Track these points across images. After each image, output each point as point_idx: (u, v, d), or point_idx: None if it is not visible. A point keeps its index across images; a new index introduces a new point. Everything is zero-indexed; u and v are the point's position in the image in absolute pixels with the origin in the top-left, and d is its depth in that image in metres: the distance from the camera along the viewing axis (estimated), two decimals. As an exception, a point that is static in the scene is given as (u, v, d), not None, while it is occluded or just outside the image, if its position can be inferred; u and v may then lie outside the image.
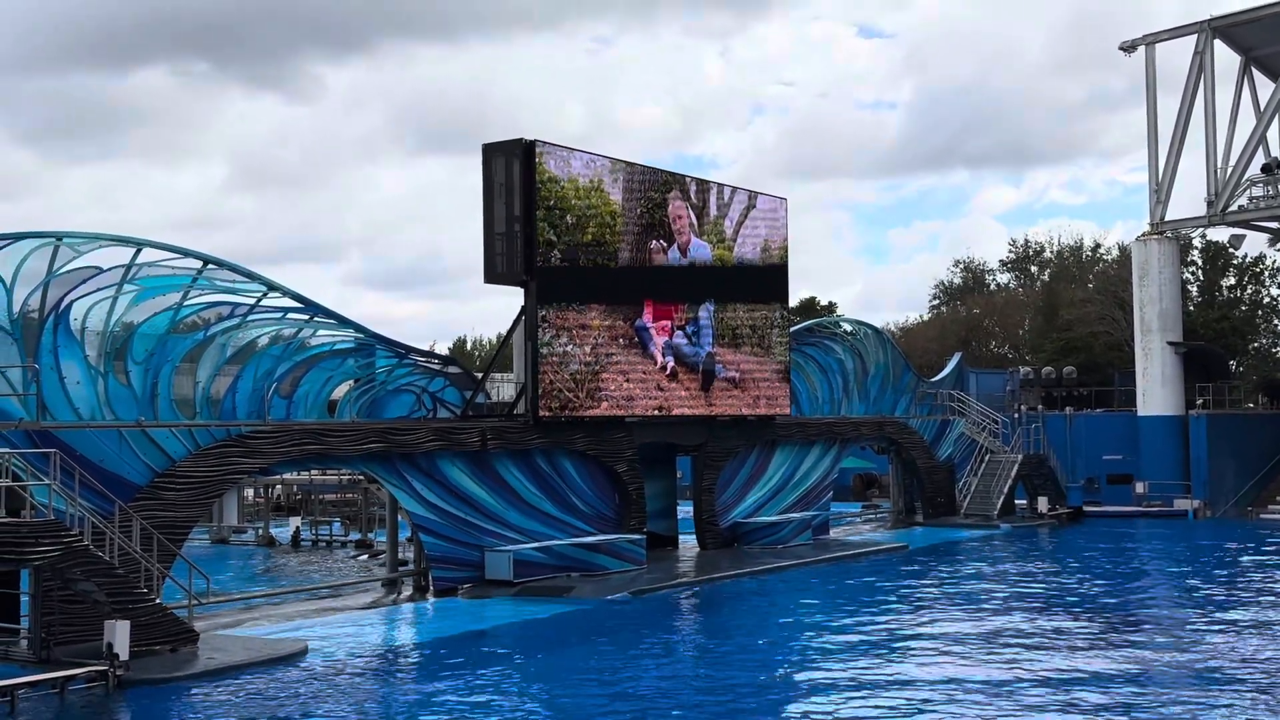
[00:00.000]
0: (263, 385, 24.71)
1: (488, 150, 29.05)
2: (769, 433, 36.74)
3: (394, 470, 26.45)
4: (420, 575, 27.87)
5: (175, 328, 23.15)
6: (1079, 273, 77.22)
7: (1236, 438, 48.51)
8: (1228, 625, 23.09)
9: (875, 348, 43.83)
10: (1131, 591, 28.54)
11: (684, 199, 33.02)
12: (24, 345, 20.81)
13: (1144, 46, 49.52)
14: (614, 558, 29.79)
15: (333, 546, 39.49)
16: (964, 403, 46.85)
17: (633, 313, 31.20)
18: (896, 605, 26.10)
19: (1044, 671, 18.84)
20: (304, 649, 20.62)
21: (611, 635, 22.88)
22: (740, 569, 30.77)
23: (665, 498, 35.16)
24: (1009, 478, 44.42)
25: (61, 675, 17.64)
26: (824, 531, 38.79)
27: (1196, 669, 19.07)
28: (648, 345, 31.62)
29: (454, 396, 28.89)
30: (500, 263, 28.84)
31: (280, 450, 24.10)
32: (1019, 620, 23.76)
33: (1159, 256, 48.84)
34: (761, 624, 24.28)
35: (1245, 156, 48.07)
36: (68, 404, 21.35)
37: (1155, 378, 48.60)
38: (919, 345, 71.47)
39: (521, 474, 29.11)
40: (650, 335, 31.72)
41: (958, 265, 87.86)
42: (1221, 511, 47.07)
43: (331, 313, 25.99)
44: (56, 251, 21.17)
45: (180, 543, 22.13)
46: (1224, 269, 67.09)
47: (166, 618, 20.07)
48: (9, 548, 18.01)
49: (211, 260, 23.49)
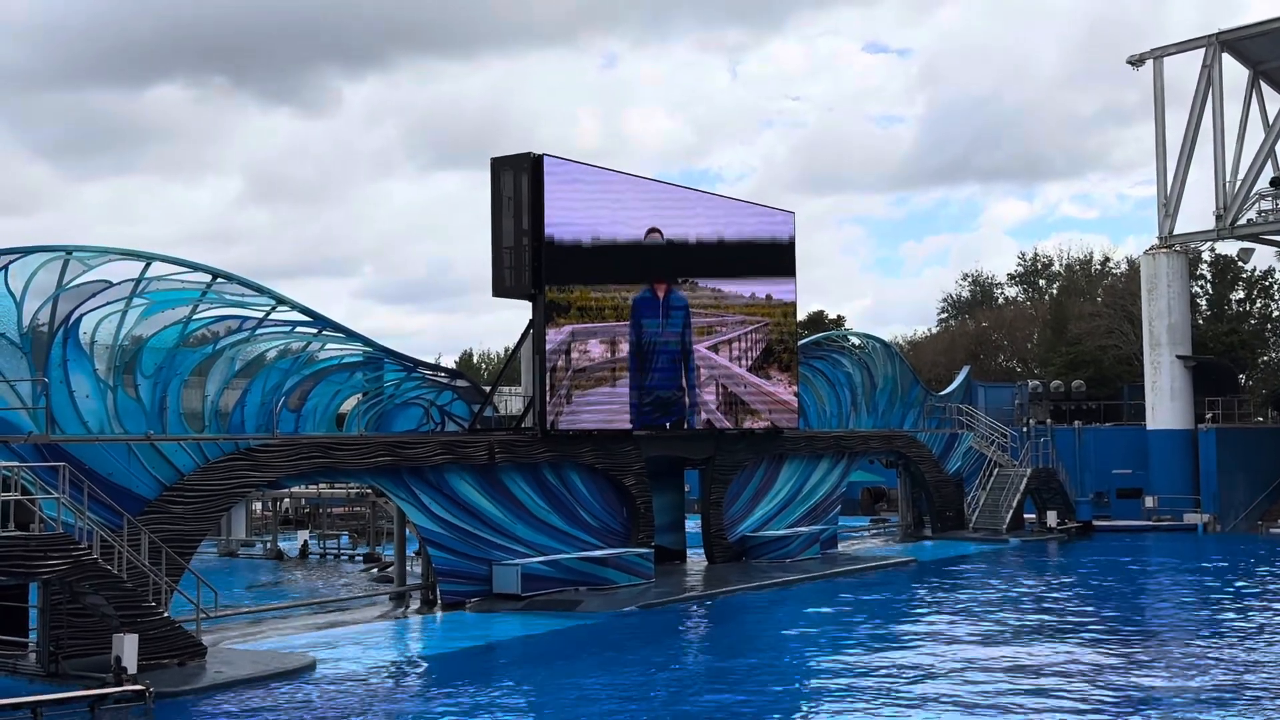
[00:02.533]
0: (271, 399, 24.74)
1: (496, 164, 29.10)
2: (777, 446, 36.69)
3: (402, 484, 26.45)
4: (428, 589, 27.85)
5: (184, 341, 23.19)
6: (1088, 286, 77.12)
7: (1246, 452, 48.32)
8: (1248, 644, 22.99)
9: (883, 361, 43.79)
10: (1145, 609, 28.42)
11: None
12: (33, 359, 20.85)
13: (1152, 60, 49.50)
14: (622, 572, 29.74)
15: (340, 560, 39.49)
16: (972, 416, 46.76)
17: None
18: (906, 619, 26.03)
19: (1052, 689, 18.77)
20: (312, 663, 20.59)
21: (620, 650, 22.83)
22: (748, 583, 30.70)
23: (673, 511, 35.10)
24: (1018, 491, 44.28)
25: (93, 694, 17.12)
26: (832, 545, 38.69)
27: (1214, 690, 18.98)
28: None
29: (462, 410, 28.90)
30: (508, 276, 28.86)
31: (288, 464, 24.11)
32: (1030, 636, 23.68)
33: (1168, 270, 48.73)
34: (770, 638, 24.21)
35: (1254, 170, 47.98)
36: (77, 417, 21.38)
37: (1164, 391, 48.47)
38: (927, 359, 71.40)
39: (529, 488, 29.09)
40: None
41: (966, 279, 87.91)
42: (1232, 526, 46.87)
43: (340, 326, 26.02)
44: (66, 265, 21.22)
45: (189, 556, 22.14)
46: (1233, 283, 66.97)
47: (175, 631, 20.07)
48: (18, 561, 18.01)
49: (220, 274, 23.53)
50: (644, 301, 31.49)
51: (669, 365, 32.09)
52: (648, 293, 31.59)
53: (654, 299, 31.75)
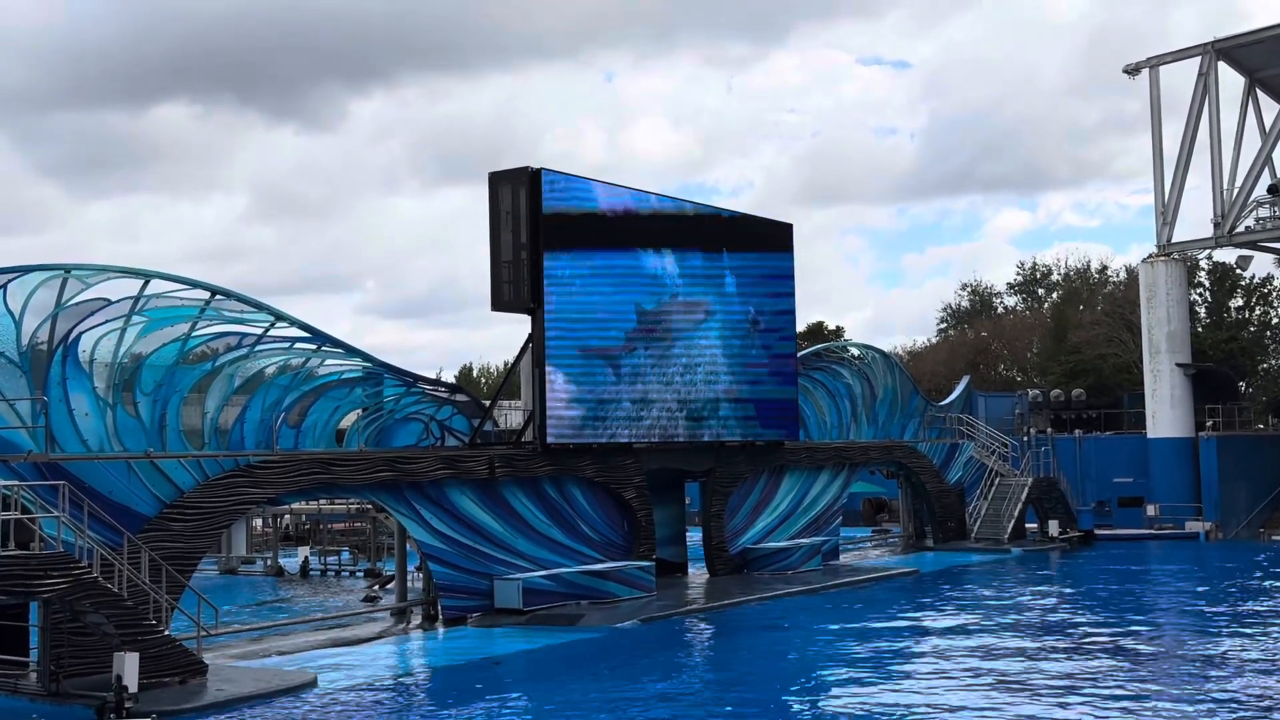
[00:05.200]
0: (271, 415, 24.73)
1: (494, 179, 29.14)
2: (777, 458, 36.66)
3: (402, 499, 26.42)
4: (429, 604, 27.79)
5: (183, 358, 23.19)
6: (1087, 295, 77.16)
7: (1247, 459, 48.32)
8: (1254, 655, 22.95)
9: (883, 372, 43.77)
10: (1152, 620, 28.35)
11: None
12: (33, 377, 20.85)
13: (1148, 69, 49.61)
14: (623, 585, 29.69)
15: (342, 576, 39.42)
16: (973, 426, 46.73)
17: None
18: (907, 631, 25.97)
19: (1057, 700, 18.72)
20: (313, 680, 20.53)
21: (621, 663, 22.78)
22: (750, 595, 30.64)
23: (674, 524, 35.06)
24: (1019, 501, 44.22)
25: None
26: (834, 557, 38.64)
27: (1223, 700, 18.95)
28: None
29: (462, 424, 28.88)
30: (507, 290, 28.88)
31: (288, 480, 24.08)
32: (1032, 649, 23.63)
33: (1166, 278, 48.78)
34: (771, 651, 24.17)
35: (1251, 178, 48.08)
36: (76, 436, 21.37)
37: (1164, 399, 48.47)
38: (927, 369, 71.34)
39: (530, 502, 29.05)
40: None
41: (965, 289, 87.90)
42: (1233, 533, 46.84)
43: (339, 342, 26.02)
44: (65, 283, 21.23)
45: (189, 574, 22.10)
46: (1231, 290, 67.00)
47: (176, 649, 20.01)
48: (18, 580, 17.98)
49: (219, 291, 23.54)
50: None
51: (670, 374, 32.12)
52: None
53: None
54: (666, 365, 32.08)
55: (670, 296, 32.35)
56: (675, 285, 32.50)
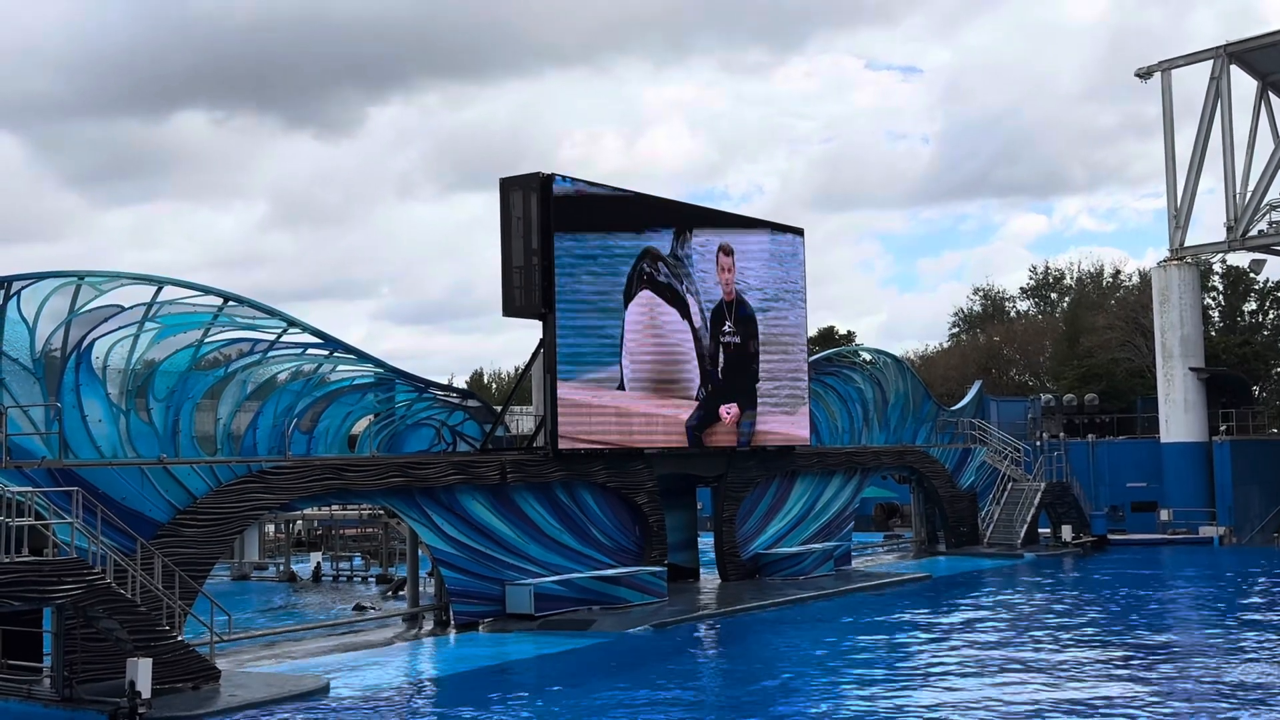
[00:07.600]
0: (283, 421, 24.79)
1: (505, 184, 29.17)
2: (789, 463, 36.62)
3: (414, 504, 26.45)
4: (441, 610, 27.81)
5: (196, 365, 23.26)
6: (1099, 299, 76.96)
7: (1261, 464, 48.09)
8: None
9: (895, 376, 43.72)
10: (1170, 628, 28.21)
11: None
12: (46, 384, 20.94)
13: (1160, 73, 49.47)
14: (635, 590, 29.67)
15: (354, 582, 39.47)
16: (985, 431, 46.62)
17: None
18: (921, 637, 25.91)
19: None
20: (326, 685, 20.56)
21: (633, 669, 22.75)
22: (762, 601, 30.61)
23: (686, 529, 35.04)
24: (1032, 506, 44.10)
25: None
26: (846, 562, 38.58)
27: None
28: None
29: (474, 430, 28.91)
30: (518, 296, 28.90)
31: (301, 486, 24.13)
32: (1047, 654, 23.55)
33: (1179, 282, 48.61)
34: (784, 656, 24.12)
35: (1264, 181, 47.90)
36: (90, 442, 21.45)
37: (1178, 404, 48.28)
38: (939, 373, 71.23)
39: (541, 507, 29.06)
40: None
41: (977, 293, 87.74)
42: (1248, 538, 46.62)
43: (351, 347, 26.09)
44: (78, 290, 21.33)
45: (202, 579, 22.15)
46: (1245, 294, 66.78)
47: (189, 655, 20.06)
48: (32, 586, 18.05)
49: (231, 297, 23.63)
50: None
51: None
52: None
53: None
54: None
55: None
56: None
